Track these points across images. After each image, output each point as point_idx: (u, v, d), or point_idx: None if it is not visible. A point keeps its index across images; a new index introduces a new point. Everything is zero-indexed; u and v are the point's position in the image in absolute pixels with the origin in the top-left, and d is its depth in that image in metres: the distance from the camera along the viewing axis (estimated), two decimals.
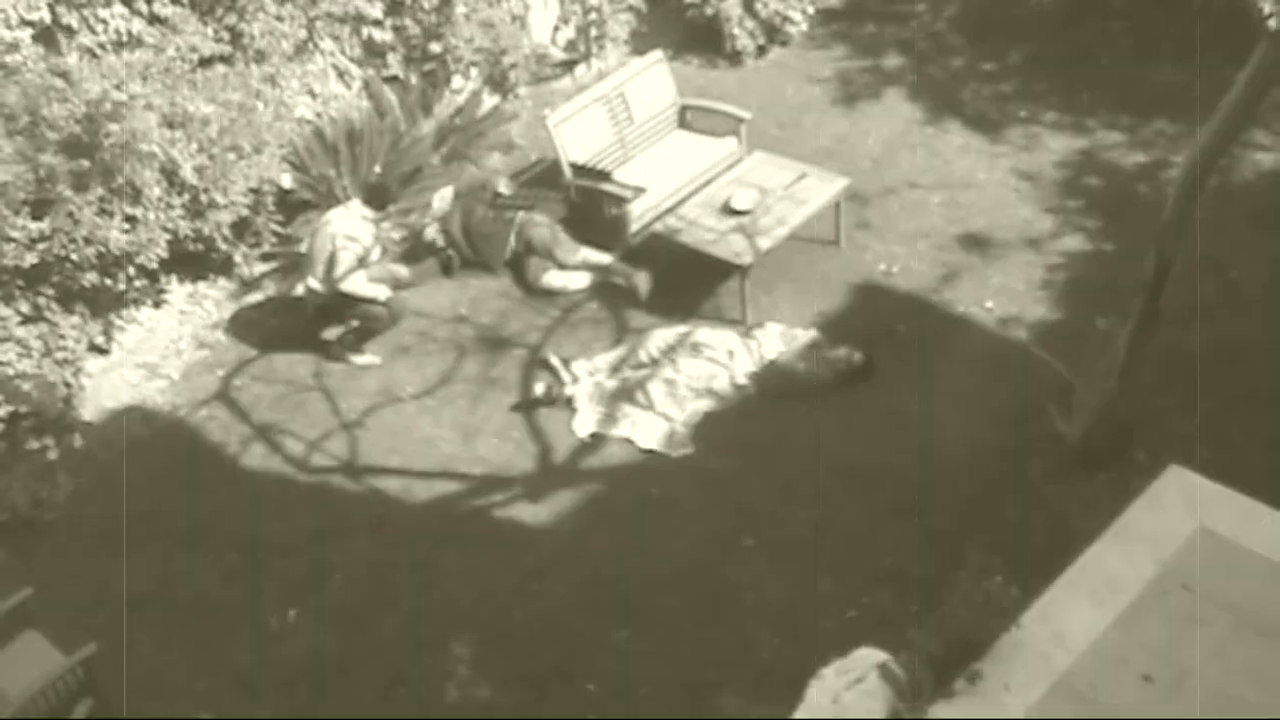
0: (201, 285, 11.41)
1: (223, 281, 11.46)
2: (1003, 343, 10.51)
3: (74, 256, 9.88)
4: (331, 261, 10.41)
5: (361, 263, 10.49)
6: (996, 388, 10.09)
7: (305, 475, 10.00)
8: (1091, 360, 9.05)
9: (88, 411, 10.44)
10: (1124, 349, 8.85)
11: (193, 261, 11.09)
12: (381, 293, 10.63)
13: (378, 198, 10.64)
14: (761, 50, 14.05)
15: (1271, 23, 10.84)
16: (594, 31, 13.88)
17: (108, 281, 10.31)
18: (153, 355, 10.95)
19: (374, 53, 12.55)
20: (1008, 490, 9.28)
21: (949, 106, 13.13)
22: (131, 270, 10.36)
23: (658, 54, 12.56)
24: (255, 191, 10.91)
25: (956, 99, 13.23)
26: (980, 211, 11.84)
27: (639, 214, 11.54)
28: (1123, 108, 12.80)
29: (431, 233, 11.53)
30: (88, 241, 9.86)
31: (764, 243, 10.88)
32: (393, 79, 12.60)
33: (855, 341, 10.44)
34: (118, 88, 9.94)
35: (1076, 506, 8.85)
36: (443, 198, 11.72)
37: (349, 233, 10.39)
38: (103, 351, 10.74)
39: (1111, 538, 7.27)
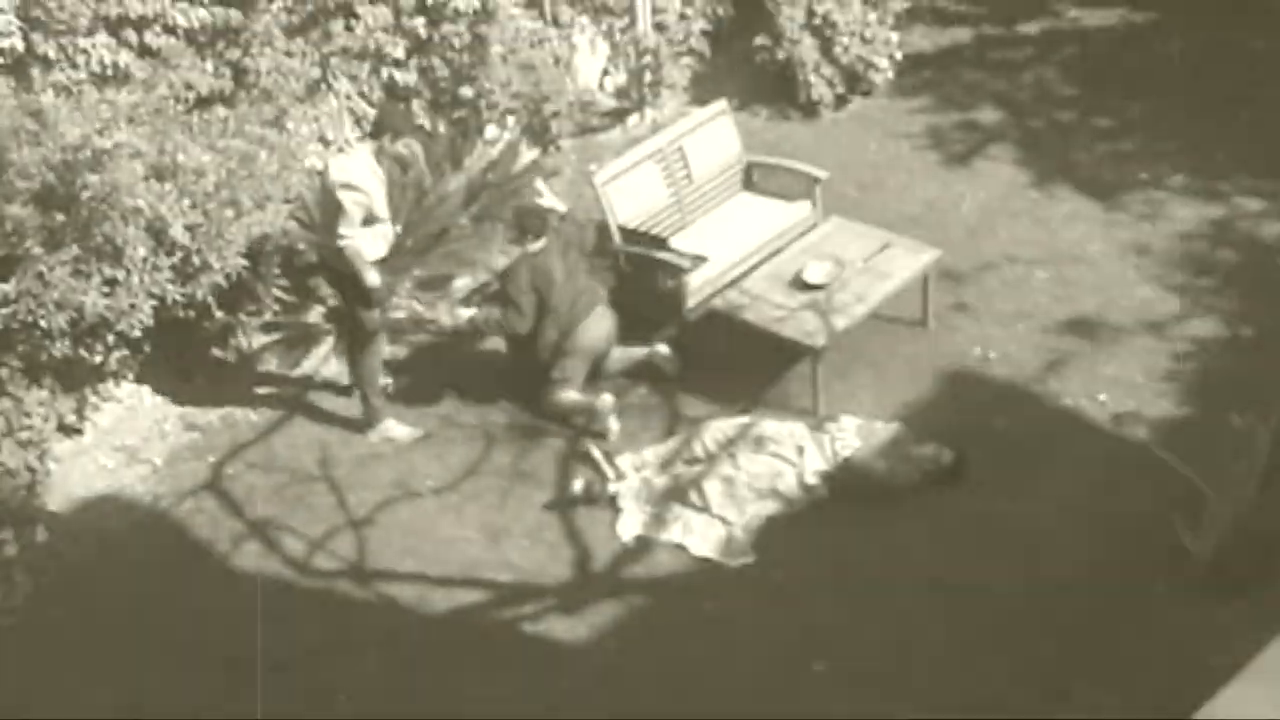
0: (192, 358, 11.36)
1: (217, 354, 11.41)
2: (1119, 443, 10.43)
3: (43, 323, 9.84)
4: (335, 217, 10.27)
5: (368, 220, 10.31)
6: (1111, 495, 9.98)
7: (306, 579, 9.96)
8: (1226, 465, 8.96)
9: (54, 501, 10.41)
10: (1265, 452, 8.75)
11: (182, 331, 11.05)
12: (373, 276, 10.38)
13: (387, 123, 10.47)
14: (841, 101, 14.08)
15: None
16: (649, 77, 13.93)
17: (82, 352, 10.29)
18: (132, 437, 10.94)
19: (396, 96, 12.59)
20: (1124, 615, 9.13)
21: (1057, 168, 13.11)
22: (110, 339, 10.33)
23: (721, 104, 12.59)
24: (256, 252, 10.88)
25: (1066, 159, 13.20)
26: (1092, 290, 11.79)
27: (697, 286, 11.51)
28: (1265, 171, 12.75)
29: (472, 313, 11.16)
30: (59, 306, 9.83)
31: (840, 322, 10.85)
32: (417, 127, 12.59)
33: (945, 438, 10.37)
34: (100, 132, 9.93)
35: (1207, 637, 8.67)
36: (461, 287, 11.73)
37: (347, 179, 10.21)
38: (74, 432, 10.73)
39: (1251, 677, 7.03)
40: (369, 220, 10.36)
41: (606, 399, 10.86)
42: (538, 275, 10.72)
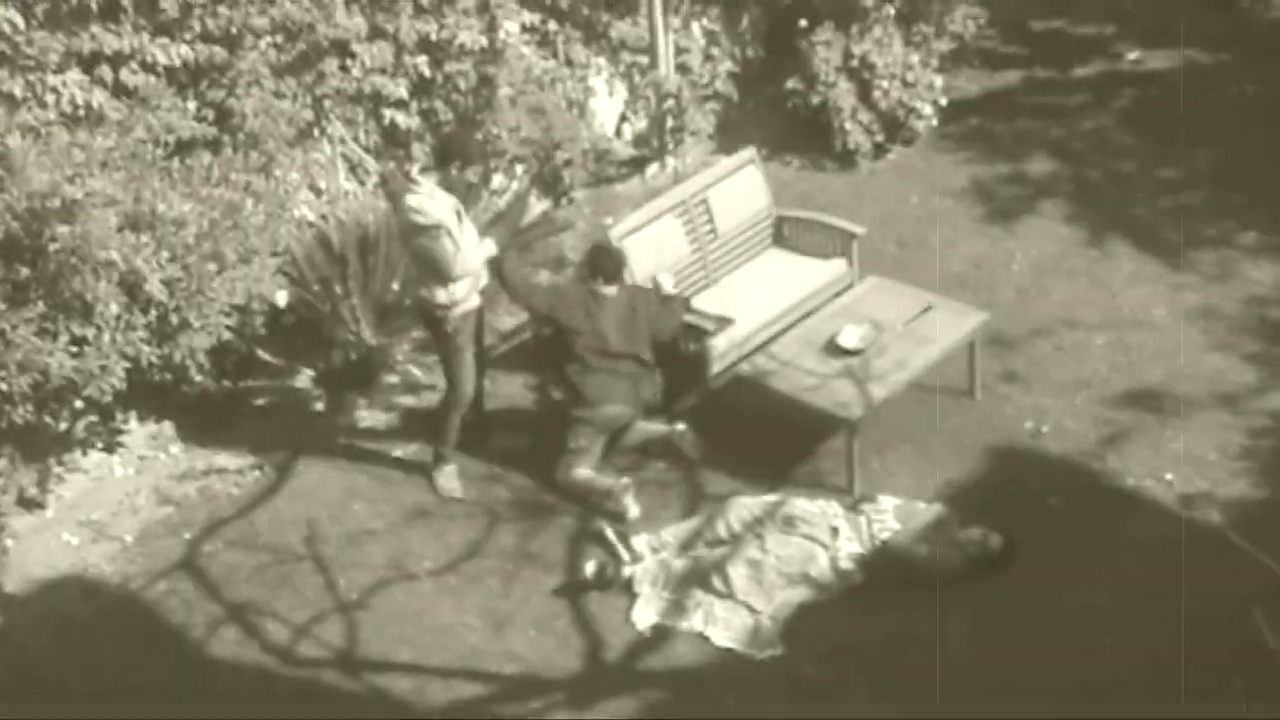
0: (167, 426, 11.41)
1: (194, 421, 11.43)
2: (1189, 526, 10.38)
3: (3, 386, 9.80)
4: (430, 264, 10.39)
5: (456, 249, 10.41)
6: (1180, 584, 9.84)
7: (290, 669, 9.89)
8: None
9: (11, 581, 10.40)
10: None
11: (158, 396, 11.06)
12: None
13: (454, 150, 10.59)
14: (880, 149, 14.13)
15: None
16: (670, 123, 13.98)
17: (46, 418, 10.25)
18: (100, 512, 10.92)
19: (395, 141, 12.65)
20: (1197, 717, 9.02)
21: (1117, 223, 13.14)
22: (78, 404, 10.33)
23: (749, 152, 12.63)
24: (241, 310, 10.86)
25: (1127, 214, 13.24)
26: (1157, 358, 11.80)
27: (723, 351, 11.50)
28: None
29: None
30: (22, 368, 9.78)
31: (878, 391, 10.84)
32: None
33: (993, 520, 10.34)
34: (71, 179, 9.91)
35: None
36: None
37: (424, 221, 10.31)
38: (35, 505, 10.73)
39: None
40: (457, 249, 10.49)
41: (625, 482, 10.84)
42: (575, 309, 10.80)
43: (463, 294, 10.56)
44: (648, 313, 10.97)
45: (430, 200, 10.38)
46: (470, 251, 10.47)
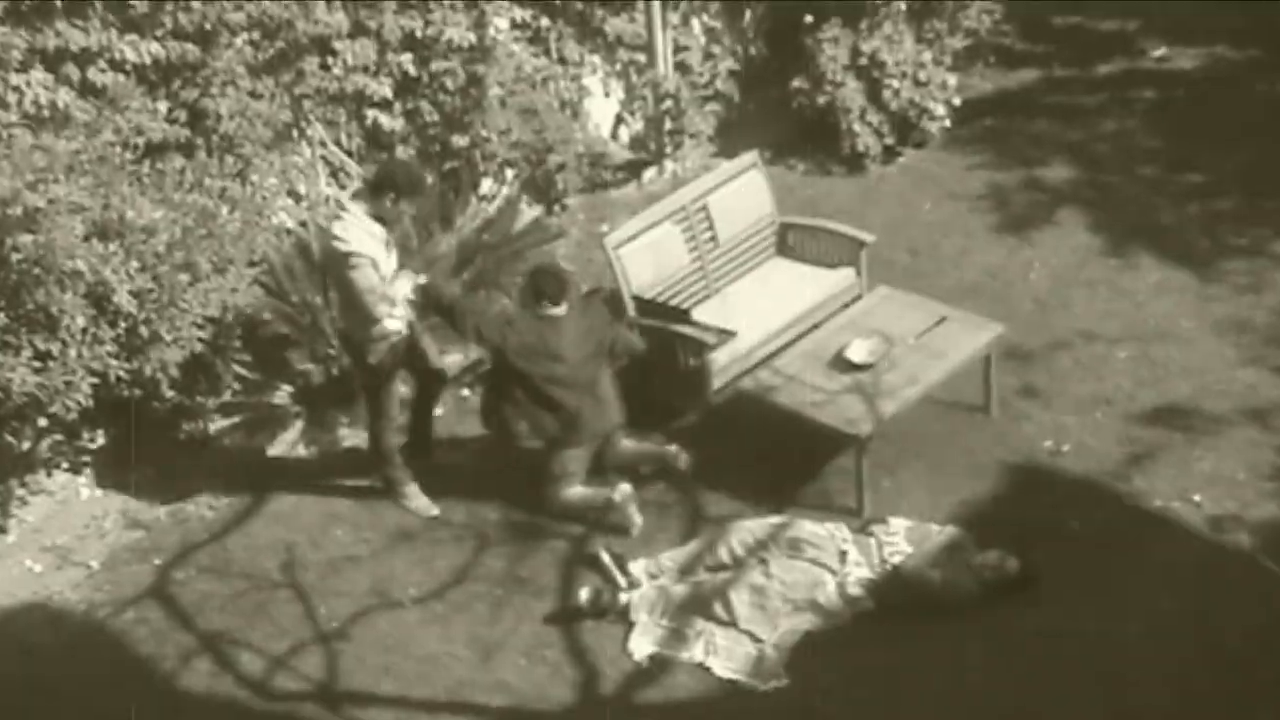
0: (136, 444, 11.34)
1: (166, 440, 11.42)
2: (1217, 550, 10.37)
3: None
4: (348, 293, 10.37)
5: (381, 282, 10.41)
6: (1209, 611, 9.89)
7: (266, 703, 9.87)
8: None
9: None
10: None
11: (126, 413, 11.05)
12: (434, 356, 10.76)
13: (388, 183, 10.40)
14: (890, 152, 14.18)
15: None
16: (669, 125, 14.03)
17: (7, 437, 10.30)
18: (65, 536, 10.94)
19: (379, 144, 12.70)
20: None
21: (1140, 231, 13.17)
22: (41, 422, 10.36)
23: (752, 156, 12.64)
24: (214, 323, 10.87)
25: (1151, 221, 13.27)
26: (1183, 372, 11.81)
27: (724, 365, 11.51)
28: None
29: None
30: None
31: (888, 407, 10.83)
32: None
33: (1010, 543, 10.32)
34: (34, 184, 9.90)
35: None
36: (452, 365, 11.71)
37: (348, 249, 10.27)
38: None
39: None
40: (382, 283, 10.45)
41: (625, 488, 10.81)
42: (527, 336, 10.62)
43: (387, 325, 10.53)
44: (603, 328, 10.90)
45: (356, 228, 10.33)
46: (396, 284, 10.46)
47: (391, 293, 10.41)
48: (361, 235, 10.28)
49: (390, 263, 10.46)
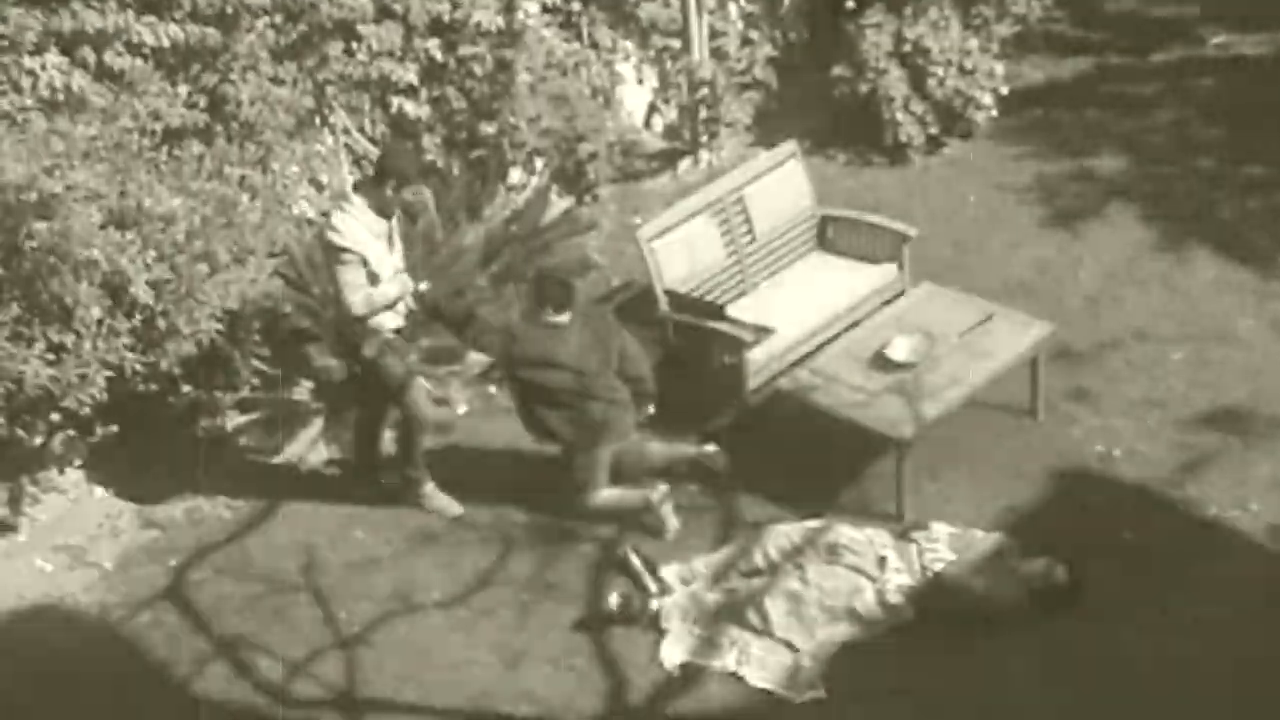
0: (152, 441, 11.35)
1: (183, 436, 11.44)
2: (1276, 561, 10.33)
3: None
4: (336, 285, 10.37)
5: (372, 279, 10.37)
6: (1267, 626, 9.84)
7: (283, 710, 9.88)
8: None
9: None
10: None
11: (142, 408, 11.05)
12: (369, 348, 10.52)
13: (391, 167, 10.40)
14: (934, 143, 14.18)
15: None
16: (704, 113, 14.03)
17: (19, 432, 10.29)
18: (78, 535, 10.96)
19: (404, 132, 12.70)
20: None
21: (1196, 226, 13.15)
22: (54, 417, 10.37)
23: (791, 146, 12.63)
24: (233, 315, 10.87)
25: (1208, 216, 13.25)
26: (1242, 374, 11.78)
27: (761, 364, 11.49)
28: None
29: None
30: None
31: (931, 409, 10.81)
32: (429, 169, 12.63)
33: (1057, 552, 10.26)
34: (49, 170, 9.93)
35: None
36: (477, 361, 11.77)
37: (340, 242, 10.29)
38: (7, 529, 10.78)
39: None
40: (374, 280, 10.41)
41: (663, 488, 10.82)
42: (531, 346, 10.63)
43: (382, 318, 10.54)
44: (611, 339, 10.85)
45: (354, 221, 10.33)
46: (385, 286, 10.43)
47: (378, 295, 10.38)
48: (358, 230, 10.28)
49: (390, 260, 10.46)
